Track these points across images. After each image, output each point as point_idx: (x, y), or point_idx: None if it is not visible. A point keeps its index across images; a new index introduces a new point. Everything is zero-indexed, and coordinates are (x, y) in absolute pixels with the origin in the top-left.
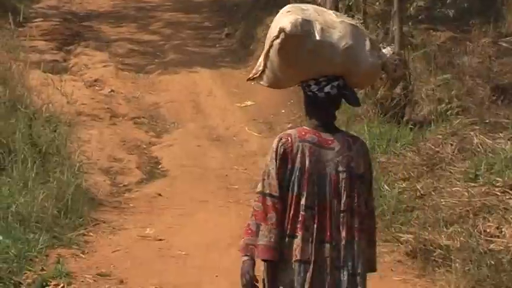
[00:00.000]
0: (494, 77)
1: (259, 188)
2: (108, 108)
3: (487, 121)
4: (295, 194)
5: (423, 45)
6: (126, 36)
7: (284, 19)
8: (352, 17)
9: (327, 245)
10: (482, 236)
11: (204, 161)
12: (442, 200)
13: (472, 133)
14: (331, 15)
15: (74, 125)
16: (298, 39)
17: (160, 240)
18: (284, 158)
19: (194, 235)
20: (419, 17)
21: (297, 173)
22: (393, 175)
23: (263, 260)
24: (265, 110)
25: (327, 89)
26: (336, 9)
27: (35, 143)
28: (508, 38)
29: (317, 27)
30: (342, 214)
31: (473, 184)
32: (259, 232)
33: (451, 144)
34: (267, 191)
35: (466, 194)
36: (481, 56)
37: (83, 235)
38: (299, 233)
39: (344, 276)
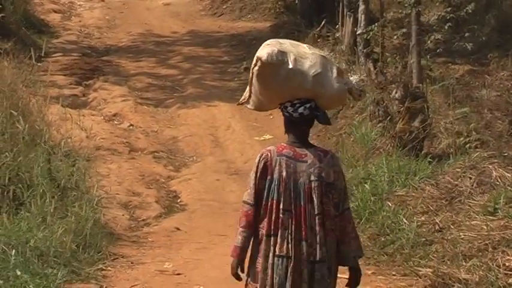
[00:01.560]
0: None
1: (243, 197)
2: (127, 142)
3: (506, 154)
4: (275, 200)
5: (441, 79)
6: (145, 70)
7: (263, 50)
8: (371, 50)
9: (304, 243)
10: (501, 270)
11: (223, 195)
12: (460, 234)
13: (490, 166)
14: (304, 48)
15: (92, 160)
16: (273, 66)
17: (178, 274)
18: (265, 170)
19: (212, 270)
20: (438, 50)
21: (276, 182)
22: (412, 208)
23: (239, 257)
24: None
25: (301, 110)
26: (355, 43)
27: (53, 178)
28: None
29: (291, 58)
30: (317, 217)
31: (492, 218)
32: (239, 233)
33: (470, 178)
34: (246, 199)
35: (485, 227)
36: (500, 89)
37: (101, 270)
38: (279, 232)
39: (318, 270)
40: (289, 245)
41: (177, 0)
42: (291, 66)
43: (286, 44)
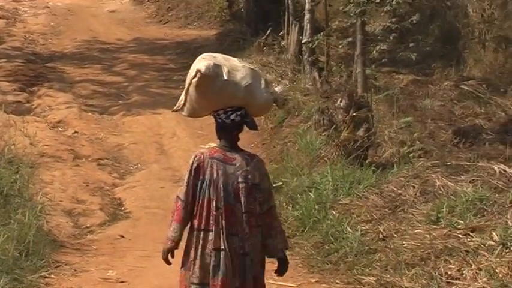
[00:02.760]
0: (456, 120)
1: (178, 192)
2: (71, 149)
3: (449, 164)
4: (207, 198)
5: (386, 88)
6: (90, 77)
7: (200, 63)
8: (316, 59)
9: (235, 237)
10: (443, 279)
11: (167, 203)
12: (404, 243)
13: (434, 176)
14: (235, 62)
15: (36, 167)
16: (210, 78)
17: (122, 282)
18: (198, 171)
19: (156, 277)
20: (382, 60)
21: (208, 182)
22: (356, 217)
23: (171, 248)
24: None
25: (233, 116)
26: (300, 52)
27: None
28: (469, 82)
29: (225, 70)
30: (244, 214)
31: (435, 226)
32: (171, 226)
33: (413, 187)
34: (179, 195)
35: (428, 236)
36: (443, 99)
37: (44, 277)
38: (212, 228)
39: (248, 261)
40: (222, 239)
41: (123, 7)
42: (225, 77)
43: (219, 57)
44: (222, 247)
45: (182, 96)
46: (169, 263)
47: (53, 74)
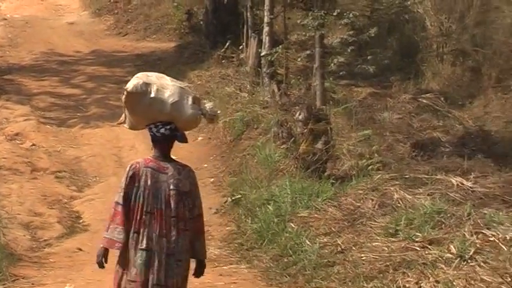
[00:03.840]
0: (414, 133)
1: (115, 198)
2: (29, 162)
3: (407, 176)
4: (140, 203)
5: (344, 101)
6: (48, 89)
7: (130, 82)
8: (275, 72)
9: (163, 239)
10: None
11: None
12: (362, 255)
13: (392, 188)
14: (166, 80)
15: None
16: (137, 95)
17: None
18: (133, 178)
19: None
20: (341, 73)
21: (142, 189)
22: (314, 230)
23: (108, 247)
24: (188, 164)
25: (162, 130)
26: (259, 64)
27: None
28: (427, 95)
29: (154, 88)
30: (172, 219)
31: (393, 239)
32: (109, 228)
33: (372, 200)
34: (118, 200)
35: (386, 249)
36: (401, 112)
37: None
38: (143, 230)
39: (173, 262)
40: (151, 241)
41: (81, 19)
42: (153, 95)
43: (153, 76)
44: (151, 248)
45: (123, 112)
46: (102, 267)
47: (10, 86)
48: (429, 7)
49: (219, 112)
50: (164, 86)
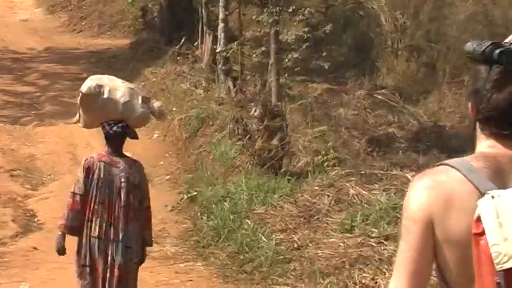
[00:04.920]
0: (370, 128)
1: (72, 189)
2: None
3: (363, 172)
4: (94, 194)
5: (300, 97)
6: (1, 87)
7: (85, 84)
8: (231, 68)
9: (113, 227)
10: (357, 287)
11: None
12: (318, 252)
13: (348, 184)
14: (118, 81)
15: None
16: (91, 96)
17: None
18: (88, 171)
19: None
20: (296, 69)
21: (95, 181)
22: (271, 226)
23: (68, 233)
24: (144, 161)
25: (115, 128)
26: (214, 61)
27: None
28: (382, 91)
29: (106, 90)
30: (122, 208)
31: (349, 235)
32: (68, 216)
33: (328, 196)
34: (76, 191)
35: (342, 245)
36: (357, 108)
37: None
38: (95, 219)
39: (120, 248)
40: (101, 229)
41: (35, 16)
42: (106, 96)
43: (105, 78)
44: (102, 235)
45: (77, 111)
46: (63, 253)
47: None
48: (383, 3)
49: (166, 110)
50: (116, 87)
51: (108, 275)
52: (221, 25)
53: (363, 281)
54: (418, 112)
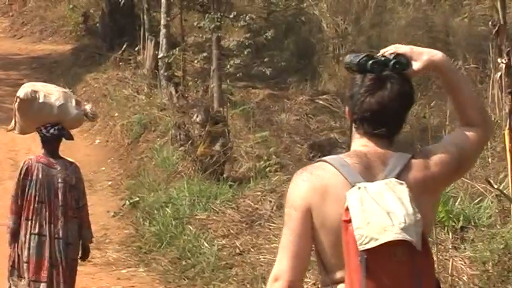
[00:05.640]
0: (312, 134)
1: (12, 193)
2: None
3: None
4: (32, 194)
5: (242, 103)
6: None
7: (21, 90)
8: (173, 74)
9: (52, 225)
10: None
11: None
12: (260, 257)
13: None
14: (51, 87)
15: None
16: (28, 101)
17: None
18: (27, 173)
19: None
20: (238, 75)
21: (34, 182)
22: (213, 232)
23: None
24: (86, 167)
25: (52, 131)
26: (156, 66)
27: None
28: (324, 96)
29: (41, 95)
30: (61, 207)
31: None
32: (11, 219)
33: (270, 201)
34: (13, 194)
35: None
36: (299, 113)
37: None
38: (35, 217)
39: (62, 244)
40: (42, 227)
41: None
42: (41, 100)
43: (38, 85)
44: (42, 232)
45: (13, 119)
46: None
47: None
48: (325, 9)
49: (98, 112)
50: (50, 91)
51: (53, 271)
52: (163, 31)
53: (305, 286)
54: None
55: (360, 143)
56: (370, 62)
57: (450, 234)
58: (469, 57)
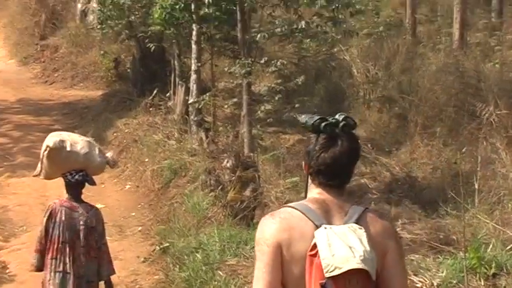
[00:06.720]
0: None
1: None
2: None
3: None
4: (56, 235)
5: (272, 148)
6: None
7: (49, 139)
8: (203, 119)
9: (75, 264)
10: None
11: None
12: None
13: None
14: (76, 136)
15: None
16: (57, 150)
17: None
18: (51, 216)
19: None
20: (268, 120)
21: (58, 224)
22: (243, 278)
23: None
24: (116, 213)
25: (77, 177)
26: (187, 112)
27: None
28: None
29: (68, 144)
30: (82, 248)
31: None
32: (36, 258)
33: None
34: (38, 235)
35: None
36: None
37: None
38: (59, 256)
39: (83, 282)
40: (66, 265)
41: (8, 67)
42: (68, 149)
43: (64, 134)
44: (66, 270)
45: (39, 165)
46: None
47: None
48: (356, 54)
49: (118, 160)
50: (75, 140)
51: None
52: (193, 76)
53: None
54: (390, 163)
55: (316, 192)
56: (323, 124)
57: (482, 281)
58: (501, 102)
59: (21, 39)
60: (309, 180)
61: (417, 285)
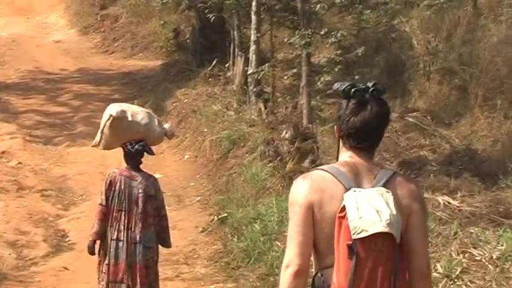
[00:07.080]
0: (401, 151)
1: (98, 201)
2: (15, 180)
3: None
4: (115, 203)
5: (331, 119)
6: (34, 107)
7: (111, 109)
8: (262, 90)
9: (131, 231)
10: None
11: None
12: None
13: None
14: (135, 107)
15: None
16: (119, 120)
17: None
18: (111, 184)
19: None
20: (328, 92)
21: (117, 192)
22: None
23: (97, 239)
24: (175, 183)
25: (137, 146)
26: (246, 83)
27: None
28: (414, 113)
29: (129, 114)
30: (139, 215)
31: None
32: (96, 224)
33: None
34: (99, 202)
35: None
36: (388, 130)
37: None
38: (115, 224)
39: (140, 248)
40: (120, 232)
41: (68, 37)
42: (130, 119)
43: (124, 105)
44: (120, 238)
45: (98, 135)
46: (94, 254)
47: None
48: (416, 26)
49: (175, 131)
50: (136, 111)
51: (131, 272)
52: (253, 47)
53: None
54: (450, 135)
55: (347, 155)
56: (353, 89)
57: None
58: None
59: (81, 9)
60: (341, 144)
61: (476, 257)
